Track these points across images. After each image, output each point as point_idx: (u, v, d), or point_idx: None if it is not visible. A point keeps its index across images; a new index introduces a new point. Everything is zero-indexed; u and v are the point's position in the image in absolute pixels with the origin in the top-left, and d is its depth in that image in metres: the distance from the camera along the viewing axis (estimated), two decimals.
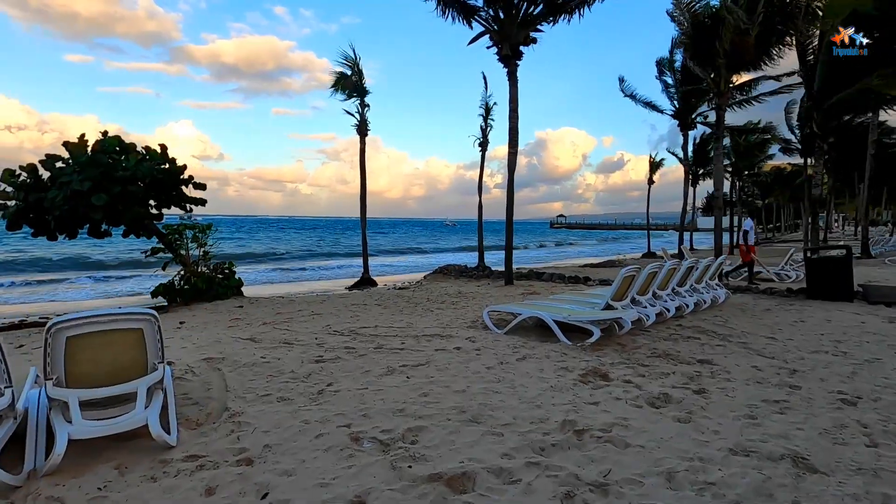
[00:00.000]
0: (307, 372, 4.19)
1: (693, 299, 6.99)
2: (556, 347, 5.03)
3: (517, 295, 9.74)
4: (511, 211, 11.15)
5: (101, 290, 14.68)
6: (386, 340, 5.42)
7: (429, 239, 54.76)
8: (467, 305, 8.38)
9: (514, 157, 10.95)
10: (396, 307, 8.31)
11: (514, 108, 10.86)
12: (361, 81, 16.13)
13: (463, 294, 10.07)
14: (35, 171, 8.69)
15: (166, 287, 9.54)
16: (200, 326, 6.98)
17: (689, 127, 20.02)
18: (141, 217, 9.08)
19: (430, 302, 8.98)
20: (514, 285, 11.22)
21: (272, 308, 8.58)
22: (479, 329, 6.06)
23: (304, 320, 7.04)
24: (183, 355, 4.86)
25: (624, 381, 3.94)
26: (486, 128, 20.24)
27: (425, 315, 7.39)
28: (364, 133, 16.37)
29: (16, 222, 8.53)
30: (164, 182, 9.48)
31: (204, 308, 9.06)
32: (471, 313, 7.40)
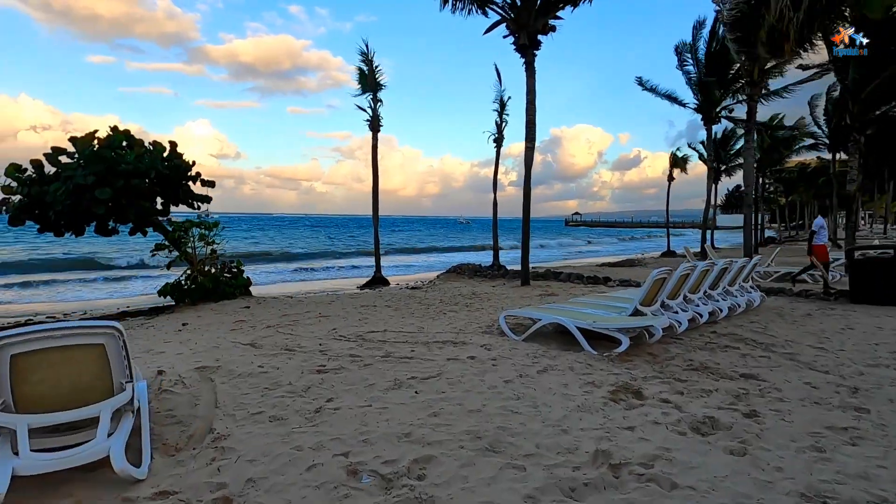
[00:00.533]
0: (306, 385, 3.81)
1: (727, 303, 6.46)
2: (581, 357, 4.58)
3: (534, 296, 9.28)
4: (528, 208, 10.68)
5: (110, 290, 14.58)
6: (394, 347, 5.02)
7: (443, 237, 54.38)
8: (482, 308, 7.95)
9: (532, 151, 10.47)
10: (407, 309, 7.92)
11: (531, 101, 10.37)
12: (374, 76, 15.78)
13: (477, 295, 9.64)
14: (41, 166, 8.48)
15: (173, 287, 9.29)
16: (203, 328, 6.67)
17: (712, 121, 19.24)
18: (146, 213, 8.83)
19: (442, 304, 8.57)
20: (530, 286, 10.75)
21: (279, 309, 8.25)
22: (495, 335, 5.63)
23: (310, 323, 6.68)
24: (177, 363, 4.52)
25: (660, 399, 3.48)
26: (500, 123, 19.74)
27: (437, 318, 6.98)
28: (376, 129, 16.01)
29: (18, 217, 8.34)
30: (170, 178, 9.22)
31: (210, 308, 8.78)
32: (486, 317, 6.98)
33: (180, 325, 7.10)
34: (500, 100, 19.49)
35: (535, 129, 10.43)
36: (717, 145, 29.63)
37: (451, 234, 63.30)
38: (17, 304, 12.28)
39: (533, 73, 10.41)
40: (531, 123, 10.41)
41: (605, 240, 55.40)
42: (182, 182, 9.70)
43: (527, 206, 10.66)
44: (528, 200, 10.67)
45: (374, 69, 15.73)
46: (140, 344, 5.72)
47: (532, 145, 10.45)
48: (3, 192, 8.13)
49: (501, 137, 19.76)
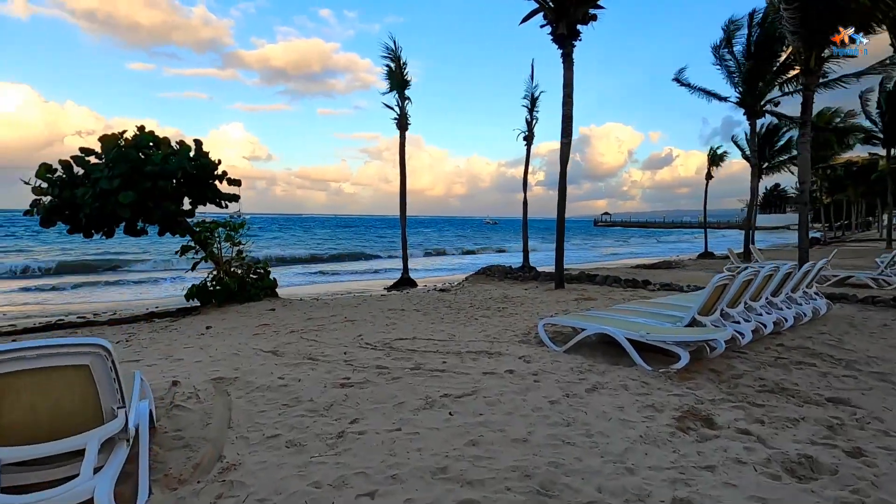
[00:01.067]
0: (329, 401, 3.44)
1: (791, 312, 5.81)
2: (633, 374, 4.07)
3: (570, 300, 8.75)
4: (563, 207, 10.14)
5: (141, 290, 14.71)
6: (425, 358, 4.62)
7: (470, 237, 53.92)
8: (516, 313, 7.49)
9: (568, 147, 9.93)
10: (437, 314, 7.52)
11: (568, 94, 9.83)
12: (402, 74, 15.48)
13: (509, 299, 9.17)
14: (70, 167, 8.46)
15: (199, 288, 9.15)
16: (225, 333, 6.43)
17: (756, 115, 18.16)
18: (172, 214, 8.71)
19: (473, 308, 8.14)
20: (565, 289, 10.20)
21: (304, 312, 7.98)
22: (533, 345, 5.17)
23: (336, 328, 6.36)
24: (194, 372, 4.24)
25: (737, 429, 2.96)
26: (531, 120, 19.16)
27: (469, 324, 6.55)
28: (404, 127, 15.72)
29: (49, 219, 8.33)
30: (196, 177, 9.08)
31: (235, 311, 8.60)
32: (521, 323, 6.51)
33: (203, 329, 6.90)
34: (530, 96, 18.97)
35: (571, 125, 9.89)
36: (761, 141, 28.21)
37: (479, 234, 62.76)
38: (49, 304, 12.46)
39: (571, 65, 9.86)
40: (568, 118, 9.87)
41: (637, 240, 53.87)
42: (209, 182, 9.57)
43: (562, 205, 10.13)
44: (564, 199, 10.13)
45: (401, 66, 15.45)
46: (160, 349, 5.50)
47: (568, 141, 9.91)
48: (34, 192, 8.13)
49: (532, 135, 19.19)
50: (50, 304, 12.20)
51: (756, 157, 18.61)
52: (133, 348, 5.65)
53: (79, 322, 8.74)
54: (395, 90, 15.57)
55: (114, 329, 7.48)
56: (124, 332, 7.14)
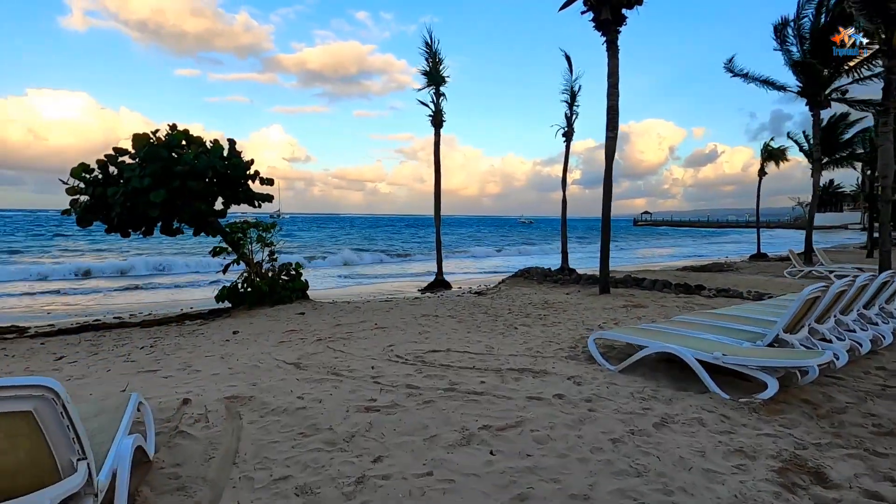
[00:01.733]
0: (350, 430, 2.98)
1: (889, 327, 4.98)
2: (707, 403, 3.43)
3: (617, 307, 8.05)
4: (608, 206, 9.42)
5: (179, 290, 14.85)
6: (460, 376, 4.12)
7: (505, 237, 53.06)
8: (558, 321, 6.88)
9: (614, 142, 9.21)
10: (472, 321, 7.01)
11: (613, 84, 9.11)
12: (438, 69, 15.04)
13: (550, 304, 8.55)
14: (106, 166, 8.44)
15: (230, 290, 8.99)
16: (251, 339, 6.13)
17: (820, 105, 16.69)
18: (201, 214, 8.56)
19: (512, 314, 7.58)
20: (610, 294, 9.48)
21: (333, 317, 7.64)
22: (583, 362, 4.58)
23: (365, 336, 5.94)
24: (209, 387, 3.89)
25: (862, 490, 2.31)
26: (570, 115, 18.37)
27: (508, 334, 6.01)
28: (439, 125, 15.27)
29: (85, 218, 8.32)
30: (228, 177, 8.91)
31: (265, 314, 8.36)
32: (566, 334, 5.91)
33: (230, 334, 6.63)
34: (570, 90, 18.16)
35: (617, 117, 9.16)
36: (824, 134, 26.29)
37: (514, 233, 61.74)
38: (97, 303, 12.68)
39: (616, 53, 9.14)
40: (613, 110, 9.15)
41: (680, 240, 51.60)
42: (242, 181, 9.39)
43: (607, 203, 9.41)
44: (609, 197, 9.40)
45: (437, 62, 15.01)
46: (182, 356, 5.22)
47: (614, 135, 9.19)
48: (68, 192, 8.13)
49: (571, 131, 18.38)
50: (98, 304, 12.40)
51: (819, 151, 17.08)
52: (155, 355, 5.41)
53: (112, 323, 8.72)
54: (430, 86, 15.16)
55: (143, 332, 7.34)
56: (152, 335, 6.98)
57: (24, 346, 6.34)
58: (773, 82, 16.68)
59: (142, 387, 4.02)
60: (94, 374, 4.59)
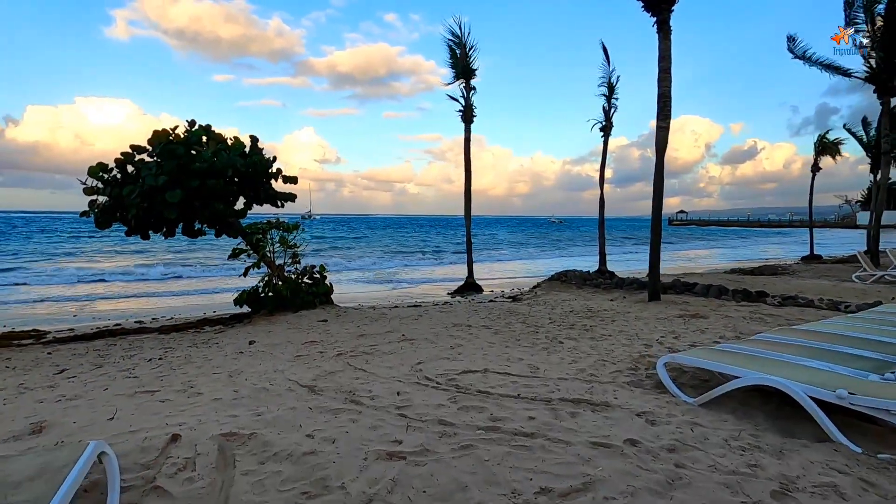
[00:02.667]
0: (368, 491, 2.31)
1: None
2: (834, 458, 2.61)
3: (673, 317, 7.17)
4: (659, 203, 8.51)
5: (205, 293, 14.63)
6: (503, 408, 3.40)
7: (536, 238, 51.85)
8: (608, 334, 6.07)
9: (666, 132, 8.29)
10: (510, 332, 6.28)
11: (665, 68, 8.20)
12: (467, 61, 14.34)
13: (594, 313, 7.73)
14: (124, 165, 8.09)
15: (250, 294, 8.52)
16: (266, 352, 5.57)
17: (890, 93, 15.16)
18: (221, 215, 8.11)
19: (553, 324, 6.81)
20: (661, 302, 8.57)
21: (357, 325, 7.04)
22: (649, 390, 3.79)
23: (391, 350, 5.30)
24: (206, 417, 3.30)
25: None
26: (608, 109, 17.37)
27: (553, 349, 5.25)
28: (469, 120, 14.58)
29: (103, 220, 7.98)
30: (249, 176, 8.44)
31: (286, 321, 7.84)
32: (620, 350, 5.12)
33: (245, 345, 6.11)
34: (607, 82, 17.16)
35: (670, 105, 8.24)
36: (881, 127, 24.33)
37: (545, 234, 60.37)
38: (125, 307, 12.53)
39: (668, 34, 8.23)
40: (665, 97, 8.24)
41: (720, 240, 49.18)
42: (263, 180, 8.92)
43: (658, 200, 8.50)
44: (660, 194, 8.49)
45: (467, 53, 14.31)
46: (188, 374, 4.69)
47: (666, 125, 8.27)
48: (85, 192, 7.81)
49: (610, 125, 17.39)
50: (128, 306, 12.24)
51: (890, 142, 15.51)
52: (160, 370, 4.90)
53: (131, 329, 8.38)
54: (460, 79, 14.47)
55: (156, 341, 6.91)
56: (164, 344, 6.53)
57: (30, 356, 5.98)
58: (838, 66, 15.25)
59: (133, 414, 3.47)
60: (88, 394, 4.09)
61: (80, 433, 3.15)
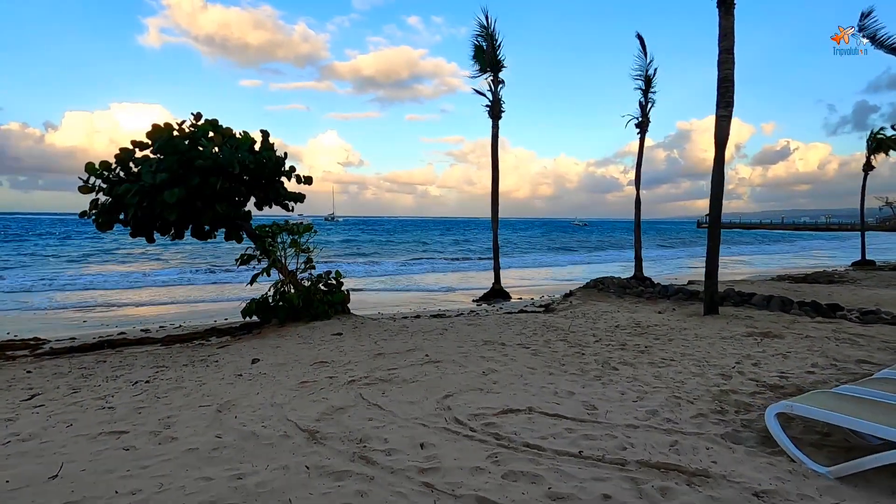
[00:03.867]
0: None
1: None
2: None
3: (741, 337, 6.13)
4: (719, 203, 7.46)
5: (223, 296, 14.07)
6: (563, 476, 2.51)
7: (561, 240, 50.44)
8: (670, 357, 5.10)
9: (728, 120, 7.25)
10: (552, 353, 5.36)
11: (727, 48, 7.17)
12: (496, 54, 13.48)
13: (645, 329, 6.75)
14: (125, 162, 7.48)
15: (259, 303, 7.80)
16: (268, 375, 4.80)
17: None
18: (225, 217, 7.41)
19: (600, 343, 5.86)
20: (720, 316, 7.50)
21: (374, 341, 6.23)
22: (755, 447, 2.85)
23: (412, 377, 4.45)
24: (167, 482, 2.51)
25: None
26: (646, 104, 16.24)
27: (608, 378, 4.32)
28: (497, 116, 13.70)
29: (103, 221, 7.38)
30: (258, 173, 7.74)
31: (297, 333, 7.09)
32: (692, 382, 4.16)
33: (247, 363, 5.36)
34: (644, 75, 16.04)
35: (732, 90, 7.20)
36: None
37: (570, 236, 58.82)
38: (139, 312, 12.04)
39: (730, 10, 7.20)
40: (727, 81, 7.20)
41: (755, 244, 46.84)
42: (274, 179, 8.22)
43: (717, 201, 7.45)
44: (720, 192, 7.43)
45: (495, 45, 13.44)
46: (171, 404, 3.93)
47: (728, 113, 7.23)
48: (82, 191, 7.21)
49: (647, 121, 16.25)
50: (142, 312, 11.75)
51: None
52: (141, 398, 4.16)
53: (132, 339, 7.75)
54: (487, 73, 13.61)
55: (152, 356, 6.22)
56: (159, 361, 5.83)
57: (7, 375, 5.34)
58: None
59: (83, 469, 2.70)
60: (46, 433, 3.36)
61: (4, 500, 2.39)
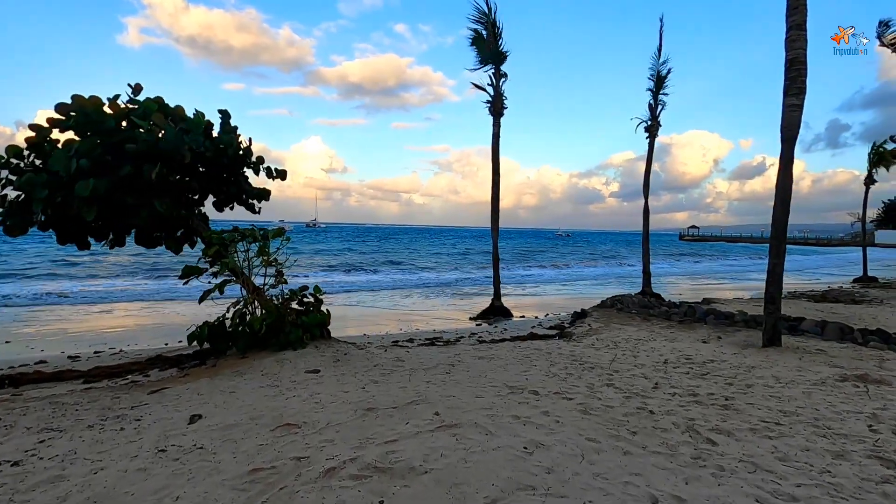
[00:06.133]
0: None
1: None
2: None
3: (833, 381, 4.77)
4: (786, 210, 6.14)
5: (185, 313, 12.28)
6: None
7: (547, 250, 49.27)
8: (765, 414, 3.70)
9: (799, 111, 5.96)
10: (604, 407, 3.89)
11: (798, 24, 5.90)
12: (497, 44, 12.13)
13: (700, 366, 5.35)
14: (40, 146, 5.79)
15: (213, 329, 6.15)
16: (210, 446, 3.20)
17: None
18: (168, 218, 5.77)
19: (660, 390, 4.43)
20: (784, 348, 6.16)
21: (362, 385, 4.67)
22: None
23: (422, 462, 2.92)
24: None
25: None
26: (655, 106, 15.10)
27: (716, 465, 2.87)
28: (499, 112, 12.32)
29: (14, 223, 5.66)
30: (215, 164, 6.14)
31: (261, 369, 5.48)
32: (841, 469, 2.75)
33: (180, 425, 3.74)
34: (656, 75, 14.90)
35: (805, 74, 5.91)
36: None
37: (555, 247, 57.77)
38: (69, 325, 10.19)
39: None
40: (797, 64, 5.92)
41: (740, 258, 46.00)
42: (238, 172, 6.63)
43: (785, 206, 6.12)
44: (788, 197, 6.10)
45: (496, 34, 12.09)
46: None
47: (799, 102, 5.93)
48: None
49: (657, 124, 15.09)
50: (92, 325, 9.92)
51: None
52: (5, 496, 2.55)
53: (47, 373, 6.02)
54: (488, 65, 12.25)
55: (52, 407, 4.51)
56: (57, 418, 4.16)
57: None
58: None
59: None
60: None
61: None
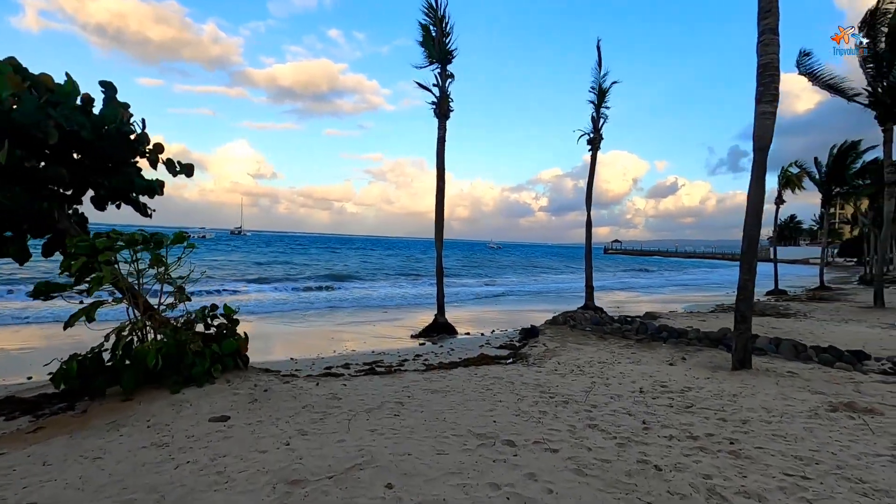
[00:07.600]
0: None
1: None
2: None
3: (821, 410, 4.34)
4: (758, 223, 5.78)
5: None
6: None
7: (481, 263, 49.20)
8: (784, 463, 3.11)
9: (772, 119, 5.62)
10: (599, 462, 3.08)
11: (770, 27, 5.58)
12: (444, 41, 11.38)
13: (681, 396, 4.77)
14: None
15: (84, 365, 4.68)
16: None
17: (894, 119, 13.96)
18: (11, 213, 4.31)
19: (652, 433, 3.72)
20: (754, 371, 5.76)
21: (287, 439, 3.54)
22: None
23: None
24: None
25: None
26: (598, 118, 15.08)
27: None
28: (445, 115, 11.53)
29: None
30: (93, 147, 4.73)
31: (148, 417, 4.14)
32: None
33: None
34: (598, 88, 14.90)
35: (777, 80, 5.60)
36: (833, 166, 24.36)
37: (487, 259, 58.09)
38: None
39: None
40: (770, 69, 5.60)
41: (658, 272, 48.40)
42: (127, 160, 5.23)
43: (755, 219, 5.76)
44: (760, 209, 5.74)
45: (444, 31, 11.35)
46: None
47: (773, 109, 5.60)
48: None
49: (599, 137, 15.07)
50: None
51: (893, 171, 14.18)
52: None
53: None
54: (434, 63, 11.45)
55: None
56: None
57: None
58: (844, 89, 13.86)
59: None
60: None
61: None
